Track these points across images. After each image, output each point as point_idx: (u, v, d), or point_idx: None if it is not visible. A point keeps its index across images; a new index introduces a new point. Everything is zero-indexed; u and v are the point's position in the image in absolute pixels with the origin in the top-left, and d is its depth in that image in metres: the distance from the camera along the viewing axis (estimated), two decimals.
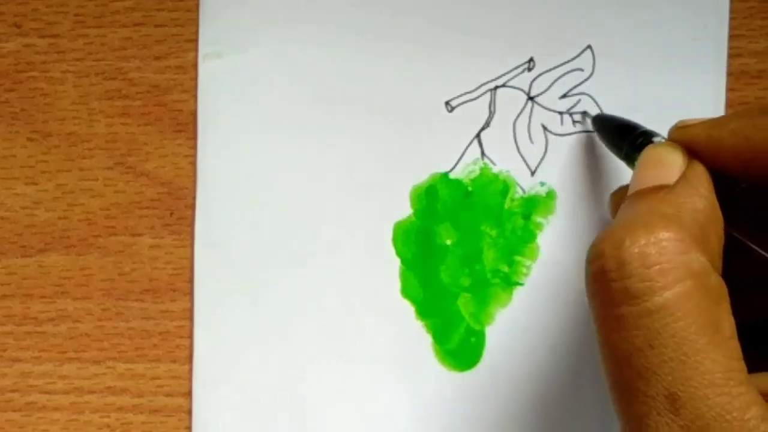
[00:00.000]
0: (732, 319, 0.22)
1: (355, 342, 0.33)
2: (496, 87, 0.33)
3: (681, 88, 0.32)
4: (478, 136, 0.33)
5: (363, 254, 0.33)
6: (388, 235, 0.33)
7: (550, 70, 0.33)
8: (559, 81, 0.33)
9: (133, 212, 0.33)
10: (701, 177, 0.24)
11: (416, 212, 0.33)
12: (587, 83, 0.33)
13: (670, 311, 0.21)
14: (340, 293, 0.33)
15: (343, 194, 0.33)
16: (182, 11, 0.33)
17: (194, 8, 0.33)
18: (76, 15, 0.33)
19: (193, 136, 0.33)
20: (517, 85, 0.33)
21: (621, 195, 0.29)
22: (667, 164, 0.25)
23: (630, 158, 0.28)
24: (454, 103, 0.33)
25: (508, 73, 0.33)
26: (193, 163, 0.33)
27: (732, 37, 0.32)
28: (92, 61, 0.33)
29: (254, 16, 0.33)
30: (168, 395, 0.33)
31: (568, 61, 0.33)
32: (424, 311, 0.33)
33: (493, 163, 0.33)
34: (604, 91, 0.33)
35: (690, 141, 0.26)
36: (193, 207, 0.33)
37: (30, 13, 0.33)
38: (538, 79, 0.33)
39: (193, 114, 0.33)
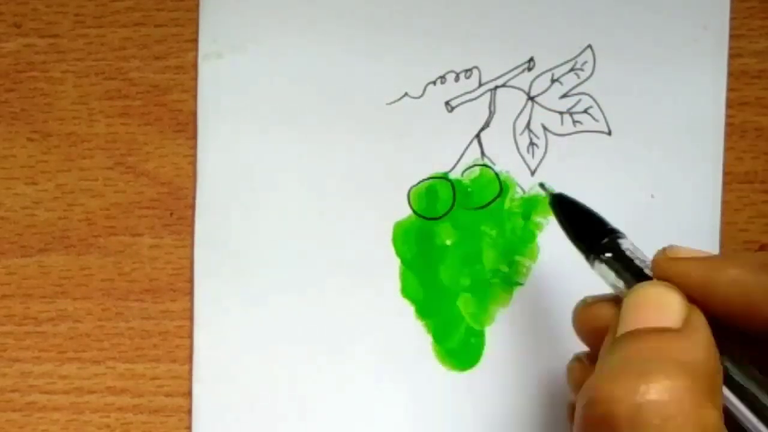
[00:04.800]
0: None
1: (355, 342, 0.33)
2: (496, 87, 0.33)
3: (681, 88, 0.32)
4: (478, 136, 0.33)
5: (363, 254, 0.33)
6: (388, 235, 0.33)
7: (550, 70, 0.33)
8: (559, 81, 0.33)
9: (133, 212, 0.33)
10: (704, 326, 0.22)
11: (416, 212, 0.33)
12: (587, 83, 0.33)
13: None
14: (340, 293, 0.33)
15: (343, 194, 0.33)
16: (182, 11, 0.33)
17: (194, 8, 0.33)
18: (76, 15, 0.33)
19: (193, 136, 0.33)
20: (517, 85, 0.33)
21: (594, 311, 0.26)
22: (668, 307, 0.23)
23: (592, 257, 0.26)
24: (454, 103, 0.33)
25: (508, 73, 0.33)
26: (193, 163, 0.33)
27: (732, 37, 0.32)
28: (92, 61, 0.33)
29: (254, 16, 0.33)
30: (168, 395, 0.33)
31: (568, 61, 0.33)
32: (424, 311, 0.33)
33: (493, 163, 0.33)
34: (604, 91, 0.33)
35: (680, 277, 0.24)
36: (193, 207, 0.33)
37: (30, 13, 0.33)
38: (538, 79, 0.33)
39: (193, 114, 0.33)
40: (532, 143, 0.33)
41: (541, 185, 0.31)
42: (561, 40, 0.32)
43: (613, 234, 0.27)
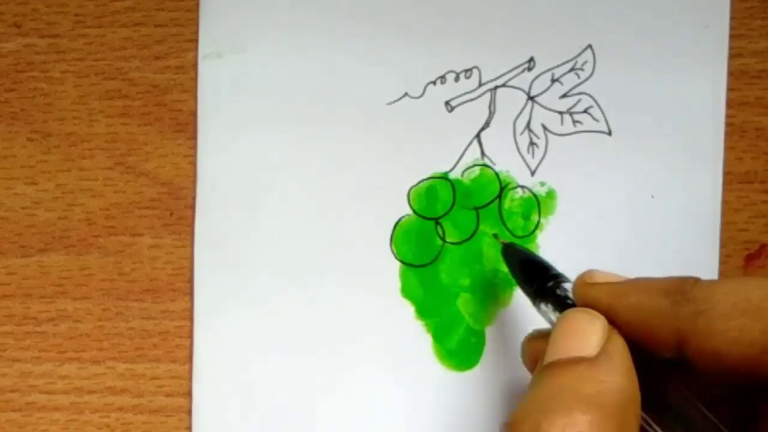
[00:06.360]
0: None
1: (355, 342, 0.33)
2: (496, 87, 0.33)
3: (681, 88, 0.32)
4: (478, 136, 0.33)
5: (363, 254, 0.33)
6: (388, 235, 0.33)
7: (550, 69, 0.33)
8: (559, 81, 0.33)
9: (133, 212, 0.33)
10: (621, 351, 0.23)
11: (416, 212, 0.33)
12: (587, 83, 0.33)
13: None
14: (340, 293, 0.33)
15: (343, 194, 0.33)
16: (182, 11, 0.33)
17: (194, 8, 0.33)
18: (76, 15, 0.33)
19: (193, 136, 0.33)
20: (517, 85, 0.33)
21: (536, 344, 0.28)
22: (586, 335, 0.24)
23: (537, 300, 0.28)
24: (454, 103, 0.33)
25: (508, 73, 0.33)
26: (193, 163, 0.33)
27: (732, 37, 0.32)
28: (92, 61, 0.33)
29: (254, 16, 0.33)
30: (168, 395, 0.33)
31: (568, 61, 0.33)
32: (424, 311, 0.33)
33: (493, 163, 0.33)
34: (604, 91, 0.33)
35: (592, 304, 0.25)
36: (193, 207, 0.33)
37: (30, 13, 0.33)
38: (538, 79, 0.33)
39: (193, 114, 0.33)
40: (532, 143, 0.33)
41: (494, 236, 0.32)
42: (561, 40, 0.33)
43: (558, 278, 0.28)
